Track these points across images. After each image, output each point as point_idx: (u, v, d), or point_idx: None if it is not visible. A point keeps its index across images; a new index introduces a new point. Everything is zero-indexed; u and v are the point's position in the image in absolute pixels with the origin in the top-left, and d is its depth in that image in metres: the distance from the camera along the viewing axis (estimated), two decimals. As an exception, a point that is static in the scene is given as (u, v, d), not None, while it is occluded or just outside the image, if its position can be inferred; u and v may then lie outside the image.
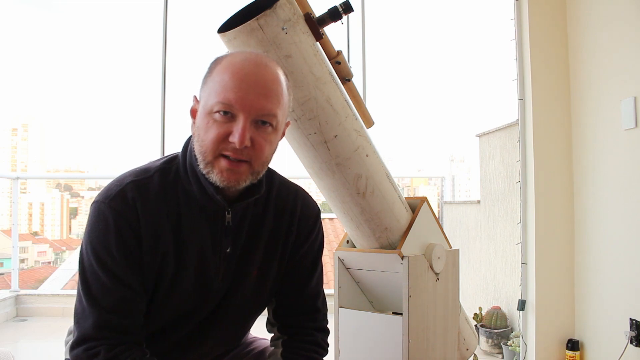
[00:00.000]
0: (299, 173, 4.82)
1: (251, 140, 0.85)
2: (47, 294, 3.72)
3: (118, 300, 0.87)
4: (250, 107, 0.84)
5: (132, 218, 0.88)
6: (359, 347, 1.43)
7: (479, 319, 2.92)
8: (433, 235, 1.44)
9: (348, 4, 1.10)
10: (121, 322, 0.87)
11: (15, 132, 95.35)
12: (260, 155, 0.88)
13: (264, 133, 0.87)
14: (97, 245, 0.87)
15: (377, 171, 1.27)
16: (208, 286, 0.95)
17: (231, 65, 0.86)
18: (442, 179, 4.99)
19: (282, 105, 0.89)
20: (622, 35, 2.07)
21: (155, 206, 0.90)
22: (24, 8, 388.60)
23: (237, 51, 0.91)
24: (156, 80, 2.94)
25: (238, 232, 0.97)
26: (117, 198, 0.88)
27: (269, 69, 0.88)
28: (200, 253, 0.93)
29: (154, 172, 0.93)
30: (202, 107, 0.88)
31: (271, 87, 0.87)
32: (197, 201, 0.92)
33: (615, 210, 2.11)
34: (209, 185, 0.89)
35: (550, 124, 2.39)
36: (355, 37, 3.07)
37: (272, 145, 0.90)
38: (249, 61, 0.87)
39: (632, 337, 1.95)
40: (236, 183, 0.88)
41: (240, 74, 0.85)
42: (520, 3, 2.46)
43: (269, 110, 0.86)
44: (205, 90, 0.88)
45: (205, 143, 0.86)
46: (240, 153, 0.85)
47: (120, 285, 0.87)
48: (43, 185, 75.23)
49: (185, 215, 0.92)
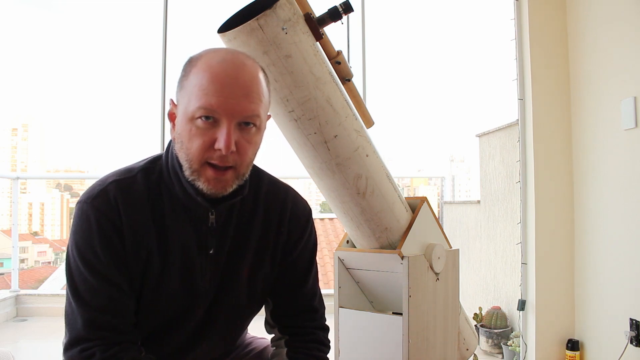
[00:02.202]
0: (299, 173, 4.81)
1: (235, 144, 0.84)
2: (47, 294, 3.72)
3: (106, 300, 0.87)
4: (233, 111, 0.83)
5: (114, 217, 0.88)
6: (359, 347, 1.43)
7: (479, 319, 2.93)
8: (433, 235, 1.44)
9: (348, 4, 1.10)
10: (112, 320, 0.87)
11: (15, 132, 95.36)
12: (245, 158, 0.87)
13: (248, 135, 0.86)
14: (82, 245, 0.87)
15: (377, 171, 1.27)
16: (195, 287, 0.95)
17: (209, 68, 0.84)
18: (442, 179, 4.99)
19: (263, 103, 0.88)
20: (622, 35, 2.07)
21: (138, 205, 0.90)
22: (24, 8, 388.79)
23: (211, 49, 0.89)
24: (156, 80, 2.94)
25: (223, 233, 0.96)
26: (99, 197, 0.88)
27: (247, 67, 0.86)
28: (185, 253, 0.93)
29: (137, 172, 0.93)
30: (182, 112, 0.87)
31: (252, 88, 0.85)
32: (180, 202, 0.92)
33: (615, 210, 2.11)
34: (191, 187, 0.89)
35: (550, 124, 2.40)
36: (355, 37, 3.07)
37: (256, 146, 0.90)
38: (227, 62, 0.85)
39: (632, 337, 1.95)
40: (223, 190, 0.87)
41: (219, 77, 0.83)
42: (520, 3, 2.46)
43: (252, 111, 0.85)
44: (184, 95, 0.86)
45: (190, 152, 0.85)
46: (226, 159, 0.85)
47: (107, 285, 0.87)
48: (43, 185, 75.27)
49: (169, 215, 0.92)
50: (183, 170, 0.88)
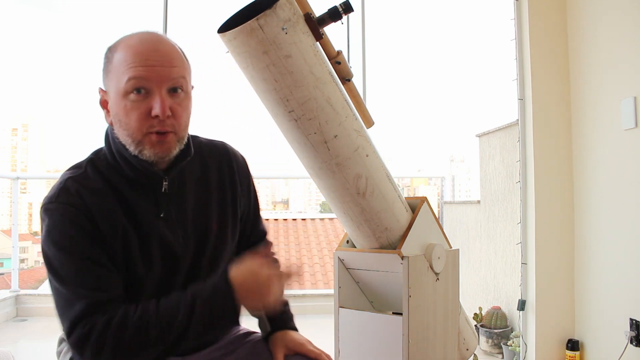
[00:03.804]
0: (299, 173, 4.81)
1: (170, 109, 0.91)
2: (47, 294, 3.70)
3: (93, 279, 0.89)
4: (161, 77, 0.90)
5: (81, 205, 0.91)
6: (359, 347, 1.43)
7: (479, 319, 2.93)
8: (433, 235, 1.44)
9: (348, 4, 1.10)
10: (103, 295, 0.89)
11: (15, 132, 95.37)
12: (181, 121, 0.94)
13: (178, 99, 0.93)
14: (58, 237, 0.90)
15: (377, 171, 1.27)
16: (174, 251, 0.99)
17: (129, 47, 0.91)
18: (442, 179, 4.99)
19: (186, 69, 0.96)
20: (622, 34, 2.07)
21: (98, 191, 0.94)
22: (24, 8, 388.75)
23: (127, 35, 0.96)
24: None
25: (182, 196, 1.02)
26: (61, 195, 0.92)
27: (164, 39, 0.95)
28: (153, 222, 0.97)
29: (86, 164, 0.98)
30: (114, 93, 0.92)
31: (173, 54, 0.93)
32: (132, 180, 0.96)
33: (615, 210, 2.11)
34: (139, 162, 0.94)
35: (550, 124, 2.40)
36: (355, 37, 3.07)
37: (188, 110, 0.96)
38: (145, 38, 0.93)
39: (632, 337, 1.95)
40: (168, 152, 0.93)
41: (141, 50, 0.90)
42: (520, 3, 2.46)
43: (177, 73, 0.92)
44: (112, 78, 0.92)
45: (130, 125, 0.91)
46: (164, 124, 0.91)
47: (91, 264, 0.89)
48: (43, 185, 75.25)
49: (128, 192, 0.96)
50: (127, 147, 0.93)
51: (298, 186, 53.94)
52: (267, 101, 1.15)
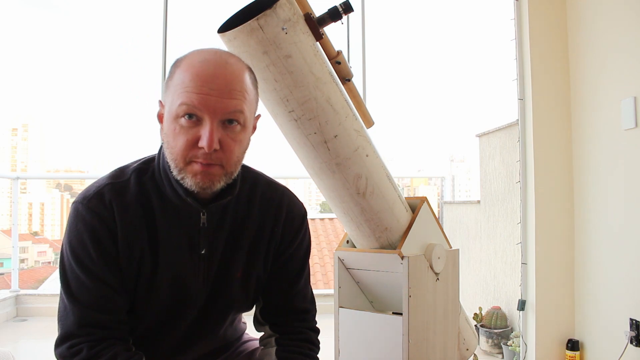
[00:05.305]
0: (299, 173, 4.81)
1: (220, 142, 0.84)
2: (47, 294, 3.72)
3: (97, 298, 0.88)
4: (215, 108, 0.83)
5: (108, 219, 0.89)
6: (359, 347, 1.43)
7: (479, 319, 2.92)
8: (433, 235, 1.44)
9: (348, 4, 1.10)
10: (102, 318, 0.88)
11: (15, 132, 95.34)
12: (231, 156, 0.87)
13: (232, 133, 0.86)
14: (75, 244, 0.89)
15: (377, 171, 1.27)
16: (187, 287, 0.95)
17: (190, 67, 0.85)
18: (442, 179, 4.99)
19: (247, 100, 0.87)
20: (622, 35, 2.07)
21: (131, 207, 0.91)
22: (24, 8, 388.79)
23: (196, 50, 0.90)
24: (156, 81, 2.95)
25: (216, 234, 0.96)
26: (94, 199, 0.90)
27: (229, 66, 0.86)
28: (176, 254, 0.94)
29: (131, 174, 0.94)
30: (167, 112, 0.87)
31: (234, 85, 0.85)
32: (171, 202, 0.92)
33: (615, 210, 2.11)
34: (180, 187, 0.89)
35: (550, 124, 2.39)
36: (355, 37, 3.07)
37: (242, 144, 0.89)
38: (209, 60, 0.85)
39: (632, 337, 1.95)
40: (211, 185, 0.87)
41: (200, 75, 0.83)
42: (520, 3, 2.46)
43: (234, 107, 0.84)
44: (169, 95, 0.87)
45: (175, 150, 0.86)
46: (210, 157, 0.84)
47: (99, 283, 0.88)
48: (43, 185, 75.24)
49: (161, 217, 0.92)
50: (171, 170, 0.89)
51: (298, 186, 53.97)
52: (267, 101, 1.15)
